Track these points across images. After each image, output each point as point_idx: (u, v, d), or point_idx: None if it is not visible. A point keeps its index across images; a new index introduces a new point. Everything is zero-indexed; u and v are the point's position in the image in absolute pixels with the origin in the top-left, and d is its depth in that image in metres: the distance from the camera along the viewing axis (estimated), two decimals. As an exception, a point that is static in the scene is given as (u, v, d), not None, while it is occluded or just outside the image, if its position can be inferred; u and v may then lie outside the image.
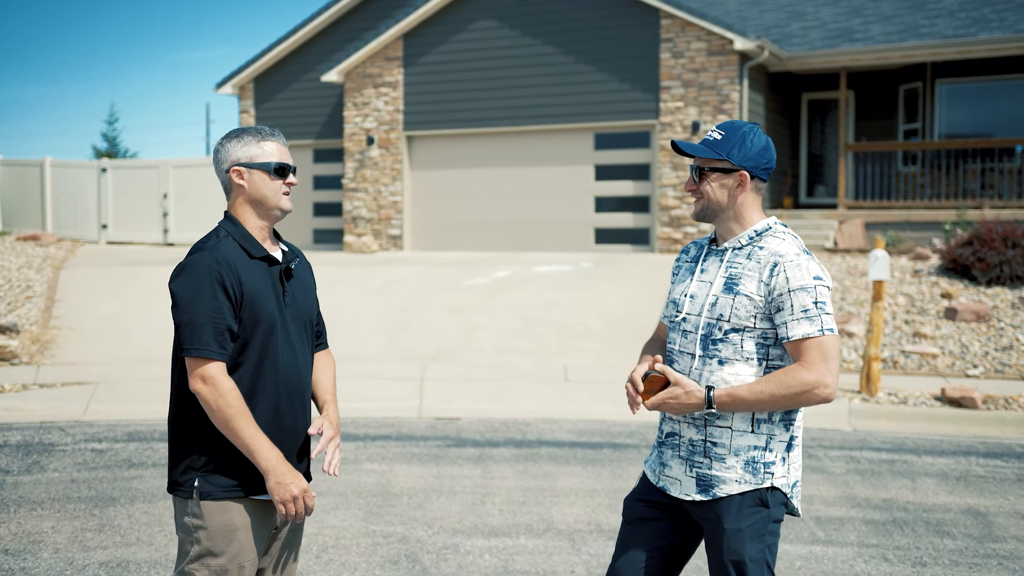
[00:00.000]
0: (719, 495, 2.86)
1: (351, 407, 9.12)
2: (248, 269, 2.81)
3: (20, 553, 5.16)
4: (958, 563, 5.14)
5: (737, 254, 2.92)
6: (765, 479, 2.86)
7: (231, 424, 2.70)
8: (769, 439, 2.87)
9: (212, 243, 2.82)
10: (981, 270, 12.19)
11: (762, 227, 2.93)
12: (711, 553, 2.89)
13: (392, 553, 5.22)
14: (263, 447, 2.73)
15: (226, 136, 2.94)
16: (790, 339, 2.81)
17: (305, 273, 3.04)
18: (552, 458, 7.32)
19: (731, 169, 2.91)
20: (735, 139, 2.91)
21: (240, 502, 2.81)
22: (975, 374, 10.05)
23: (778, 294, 2.81)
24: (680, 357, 2.95)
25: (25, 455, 7.22)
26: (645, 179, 16.66)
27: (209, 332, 2.71)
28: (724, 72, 15.71)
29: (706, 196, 2.93)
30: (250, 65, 20.08)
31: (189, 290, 2.74)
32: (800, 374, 2.78)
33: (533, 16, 17.04)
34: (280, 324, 2.85)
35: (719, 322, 2.87)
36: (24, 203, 20.65)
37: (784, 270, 2.81)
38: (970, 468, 7.12)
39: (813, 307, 2.79)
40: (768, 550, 2.87)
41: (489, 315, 11.96)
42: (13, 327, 11.11)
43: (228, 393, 2.70)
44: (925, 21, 16.54)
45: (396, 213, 18.30)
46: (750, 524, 2.84)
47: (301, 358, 2.93)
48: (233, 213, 2.92)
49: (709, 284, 2.93)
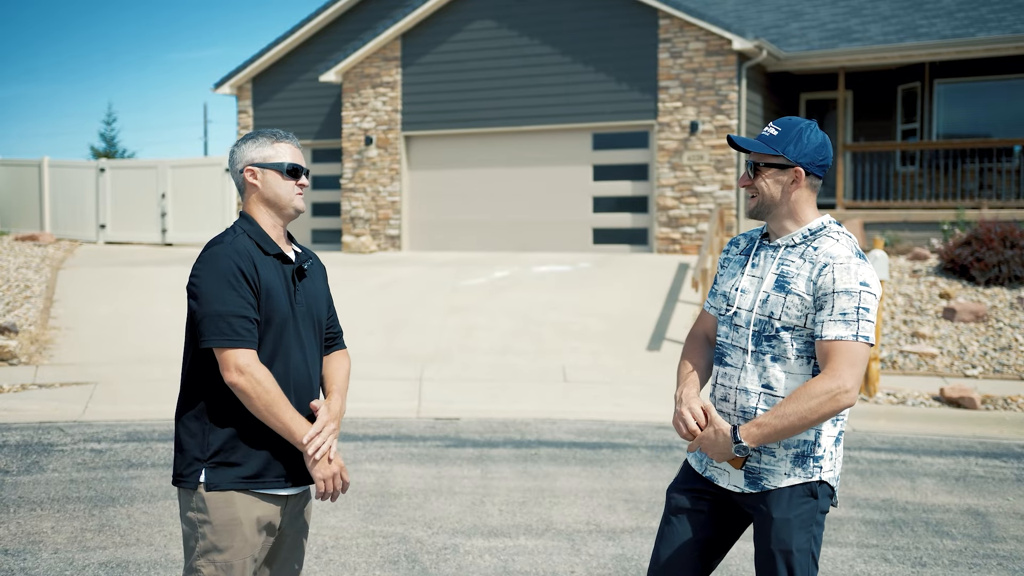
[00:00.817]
0: (768, 487, 2.87)
1: (349, 407, 9.11)
2: (263, 264, 2.84)
3: (20, 553, 5.16)
4: (957, 563, 5.14)
5: (790, 252, 2.91)
6: (814, 472, 2.87)
7: (272, 409, 2.73)
8: (818, 434, 2.87)
9: (230, 238, 2.85)
10: (979, 270, 12.20)
11: (816, 226, 2.91)
12: (759, 542, 2.90)
13: (391, 553, 5.22)
14: (304, 427, 2.78)
15: (242, 139, 2.99)
16: (823, 338, 2.78)
17: (318, 275, 3.06)
18: (551, 458, 7.32)
19: (786, 165, 2.89)
20: (791, 135, 2.90)
21: (246, 495, 2.81)
22: (974, 374, 10.06)
23: (823, 294, 2.80)
24: (732, 351, 2.95)
25: (24, 455, 7.21)
26: (643, 179, 16.66)
27: (237, 322, 2.73)
28: (722, 72, 15.72)
29: (760, 192, 2.92)
30: (248, 65, 20.06)
31: (212, 282, 2.75)
32: (818, 384, 2.75)
33: (531, 16, 17.04)
34: (292, 323, 2.87)
35: (771, 320, 2.86)
36: (22, 203, 20.62)
37: (833, 271, 2.80)
38: (969, 468, 7.13)
39: (853, 311, 2.77)
40: (814, 540, 2.88)
41: (488, 315, 11.96)
42: (12, 327, 11.10)
43: (265, 379, 2.73)
44: (923, 21, 16.55)
45: (394, 213, 18.29)
46: (798, 514, 2.85)
47: (311, 359, 2.95)
48: (248, 212, 2.96)
49: (760, 280, 2.92)
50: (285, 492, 2.90)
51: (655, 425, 8.47)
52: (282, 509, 2.91)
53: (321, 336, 3.03)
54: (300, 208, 2.96)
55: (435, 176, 18.25)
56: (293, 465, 2.88)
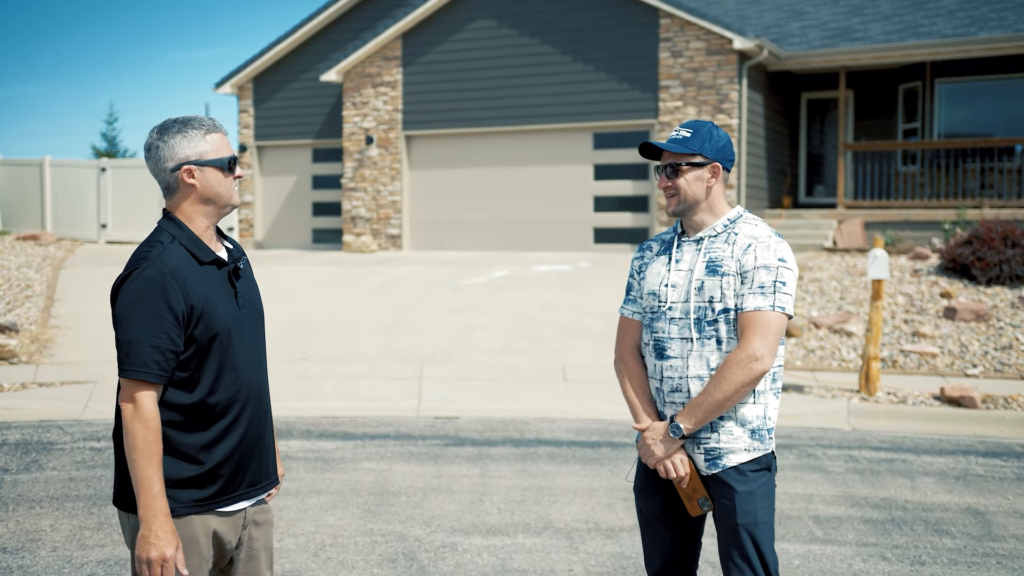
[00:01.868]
0: (727, 465, 2.99)
1: (349, 406, 9.12)
2: (197, 277, 2.63)
3: (18, 551, 5.16)
4: (957, 562, 5.13)
5: (714, 241, 3.06)
6: (769, 445, 3.03)
7: (134, 454, 2.51)
8: (766, 407, 3.03)
9: (157, 251, 2.60)
10: (980, 269, 12.18)
11: (734, 215, 3.10)
12: (722, 519, 3.02)
13: (390, 552, 5.22)
14: (151, 493, 2.50)
15: (163, 130, 2.68)
16: (743, 310, 2.95)
17: (248, 270, 2.87)
18: (550, 457, 7.32)
19: (704, 163, 3.05)
20: (703, 134, 3.07)
21: (203, 515, 2.67)
22: (974, 373, 10.05)
23: (744, 271, 2.97)
24: (672, 343, 3.04)
25: (24, 454, 7.21)
26: (644, 179, 16.65)
27: (149, 353, 2.53)
28: (723, 71, 15.71)
29: (682, 191, 3.06)
30: (249, 65, 20.07)
31: (130, 306, 2.55)
32: (732, 357, 2.92)
33: (532, 15, 17.04)
34: (236, 330, 2.70)
35: (711, 304, 2.99)
36: (23, 203, 20.64)
37: (755, 249, 2.98)
38: (969, 467, 7.12)
39: (771, 284, 2.94)
40: (773, 514, 3.03)
41: (488, 314, 11.95)
42: (12, 326, 11.11)
43: (148, 421, 2.52)
44: (924, 20, 16.53)
45: (395, 213, 18.29)
46: (759, 487, 2.99)
47: (257, 361, 2.80)
48: (177, 214, 2.70)
49: (689, 272, 3.05)
50: (241, 506, 2.77)
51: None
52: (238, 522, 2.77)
53: (264, 332, 2.88)
54: (237, 203, 2.77)
55: (436, 175, 18.25)
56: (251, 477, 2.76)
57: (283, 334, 11.10)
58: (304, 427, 8.25)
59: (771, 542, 2.99)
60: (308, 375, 9.97)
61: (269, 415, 2.86)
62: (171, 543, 2.51)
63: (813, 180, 19.06)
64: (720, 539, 3.03)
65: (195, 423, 2.65)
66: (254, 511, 2.82)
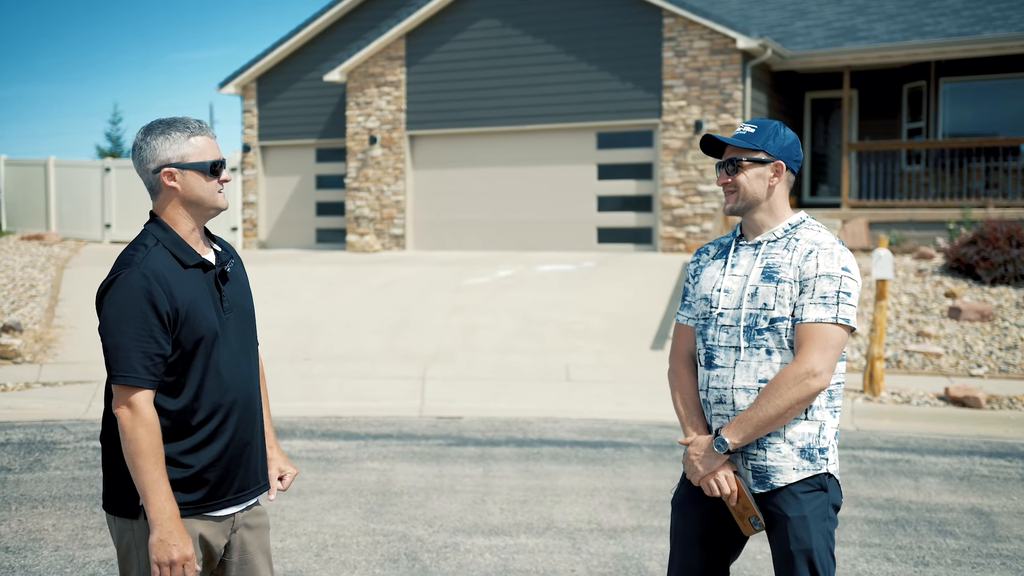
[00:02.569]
0: (777, 485, 2.83)
1: (352, 406, 9.11)
2: (182, 281, 2.60)
3: (21, 551, 5.16)
4: (961, 563, 5.12)
5: (773, 246, 2.92)
6: (822, 465, 2.85)
7: (139, 460, 2.49)
8: (821, 426, 2.86)
9: (141, 255, 2.58)
10: (985, 269, 12.15)
11: (796, 220, 2.95)
12: (776, 544, 2.86)
13: (392, 551, 5.21)
14: (160, 496, 2.50)
15: (148, 131, 2.65)
16: (803, 321, 2.78)
17: (240, 272, 2.84)
18: (553, 457, 7.31)
19: (767, 160, 2.92)
20: (769, 131, 2.94)
21: (189, 519, 2.63)
22: (979, 373, 10.03)
23: (805, 278, 2.82)
24: (721, 352, 2.90)
25: (27, 453, 7.22)
26: (648, 178, 16.63)
27: (137, 358, 2.51)
28: (727, 71, 15.69)
29: (741, 188, 2.92)
30: (253, 65, 20.08)
31: (116, 311, 2.53)
32: (787, 371, 2.76)
33: (535, 15, 17.02)
34: (221, 334, 2.66)
35: (763, 311, 2.84)
36: (28, 202, 20.68)
37: (817, 256, 2.82)
38: (974, 468, 7.09)
39: (834, 295, 2.78)
40: (830, 536, 2.85)
41: (491, 314, 11.94)
42: (16, 326, 11.12)
43: (149, 425, 2.51)
44: (929, 19, 16.50)
45: (399, 212, 18.29)
46: (813, 510, 2.81)
47: (245, 365, 2.75)
48: (163, 216, 2.67)
49: (745, 277, 2.91)
50: (229, 511, 2.73)
51: (658, 424, 8.45)
52: (227, 526, 2.74)
53: (255, 335, 2.84)
54: (223, 207, 2.70)
55: (439, 175, 18.25)
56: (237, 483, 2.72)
57: (286, 334, 11.10)
58: (307, 427, 8.25)
59: (828, 568, 2.81)
60: (311, 375, 9.97)
61: (259, 420, 2.81)
62: (188, 542, 2.53)
63: (817, 180, 19.03)
64: (775, 563, 2.87)
65: (180, 428, 2.62)
66: (245, 515, 2.79)
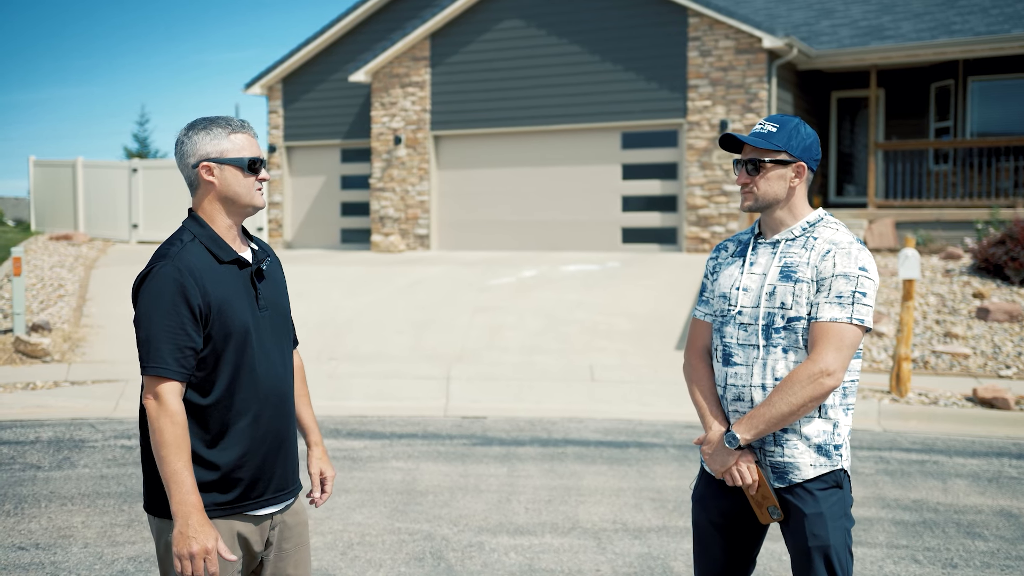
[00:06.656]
0: (794, 481, 2.85)
1: (377, 406, 9.15)
2: (216, 276, 2.62)
3: (51, 547, 5.22)
4: (989, 565, 5.07)
5: (791, 244, 2.91)
6: (837, 461, 2.87)
7: (162, 450, 2.49)
8: (836, 424, 2.87)
9: (176, 249, 2.61)
10: (1014, 269, 12.03)
11: (815, 218, 2.95)
12: (793, 541, 2.87)
13: (417, 550, 5.23)
14: (184, 489, 2.49)
15: (191, 127, 2.71)
16: (818, 320, 2.78)
17: (276, 271, 2.86)
18: (578, 457, 7.30)
19: (789, 160, 2.90)
20: (789, 130, 2.91)
21: (232, 519, 2.65)
22: (1008, 375, 9.92)
23: (822, 277, 2.81)
24: (739, 350, 2.90)
25: (56, 451, 7.30)
26: (673, 178, 16.58)
27: (168, 350, 2.53)
28: (752, 70, 15.61)
29: (761, 189, 2.91)
30: (278, 66, 20.19)
31: (150, 304, 2.56)
32: (801, 370, 2.77)
33: (559, 15, 17.01)
34: (255, 331, 2.67)
35: (781, 310, 2.84)
36: (56, 203, 20.89)
37: (834, 256, 2.82)
38: (1002, 469, 7.03)
39: (849, 295, 2.78)
40: (848, 533, 2.86)
41: (515, 314, 11.95)
42: (45, 325, 11.25)
43: (174, 416, 2.52)
44: (957, 18, 16.34)
45: (423, 213, 18.33)
46: (830, 507, 2.83)
47: (280, 363, 2.76)
48: (200, 212, 2.71)
49: (763, 275, 2.91)
50: (268, 511, 2.74)
51: (682, 424, 8.43)
52: (265, 527, 2.75)
53: (290, 334, 2.86)
54: (260, 205, 2.72)
55: (464, 176, 18.28)
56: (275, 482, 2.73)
57: (312, 334, 11.16)
58: (332, 426, 8.29)
59: (846, 565, 2.82)
60: (337, 374, 10.02)
61: (292, 418, 2.82)
62: (211, 535, 2.49)
63: (843, 180, 18.89)
64: (793, 561, 2.88)
65: (211, 425, 2.63)
66: (284, 514, 2.80)
